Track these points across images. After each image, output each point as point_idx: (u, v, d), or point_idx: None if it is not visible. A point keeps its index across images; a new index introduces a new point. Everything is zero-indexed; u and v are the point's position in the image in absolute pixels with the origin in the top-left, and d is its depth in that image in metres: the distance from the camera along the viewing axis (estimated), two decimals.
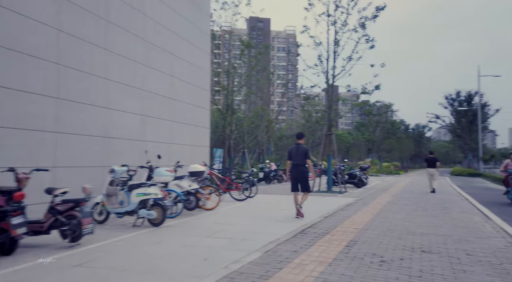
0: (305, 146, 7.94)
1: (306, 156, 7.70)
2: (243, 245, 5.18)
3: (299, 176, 7.74)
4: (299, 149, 7.75)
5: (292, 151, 7.83)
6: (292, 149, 7.87)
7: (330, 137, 14.87)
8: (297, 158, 7.70)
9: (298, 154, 7.69)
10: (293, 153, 7.78)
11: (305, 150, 7.76)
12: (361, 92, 14.29)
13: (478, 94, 39.31)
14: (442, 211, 9.19)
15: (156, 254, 4.71)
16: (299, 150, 7.74)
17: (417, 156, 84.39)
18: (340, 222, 7.25)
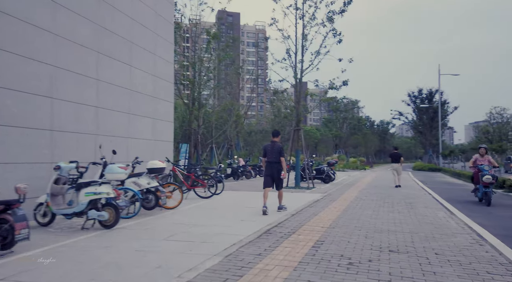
0: (280, 144, 8.04)
1: (280, 153, 7.82)
2: (203, 249, 4.75)
3: (274, 173, 7.86)
4: (274, 147, 7.86)
5: (267, 148, 7.94)
6: (267, 146, 7.97)
7: (298, 133, 14.68)
8: (272, 156, 7.81)
9: (273, 152, 7.81)
10: (268, 150, 7.89)
11: (279, 148, 7.87)
12: (329, 88, 14.19)
13: (438, 92, 40.99)
14: (407, 206, 9.22)
15: (102, 261, 4.17)
16: (274, 148, 7.85)
17: (382, 151, 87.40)
18: (307, 220, 6.98)
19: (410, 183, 18.43)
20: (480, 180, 9.83)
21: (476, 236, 5.73)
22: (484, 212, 8.69)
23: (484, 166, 9.94)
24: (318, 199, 10.59)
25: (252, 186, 15.04)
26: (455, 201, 10.65)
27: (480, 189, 10.05)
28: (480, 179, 9.78)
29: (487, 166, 9.96)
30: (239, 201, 9.98)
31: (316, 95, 14.43)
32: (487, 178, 9.62)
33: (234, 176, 18.90)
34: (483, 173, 9.74)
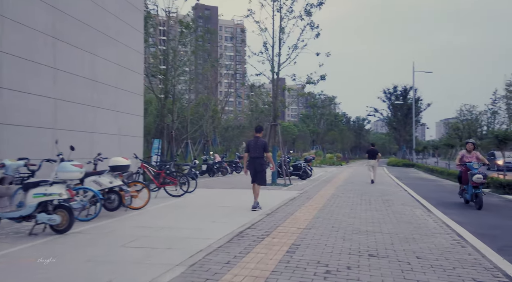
0: (263, 139, 8.10)
1: (264, 149, 7.85)
2: (165, 257, 4.24)
3: (257, 169, 7.85)
4: (258, 142, 7.86)
5: (250, 144, 7.92)
6: (251, 142, 7.96)
7: (275, 128, 14.31)
8: (255, 151, 7.81)
9: (256, 147, 7.82)
10: (251, 145, 7.88)
11: (263, 143, 7.89)
12: (306, 82, 13.87)
13: (413, 89, 41.81)
14: (384, 203, 9.03)
15: (43, 277, 3.59)
16: (258, 143, 7.85)
17: (357, 147, 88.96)
18: (283, 220, 6.60)
19: (386, 179, 18.51)
20: (469, 180, 8.68)
21: (456, 236, 5.52)
22: (472, 215, 8.61)
23: (473, 164, 8.77)
24: (294, 196, 10.26)
25: (228, 183, 14.57)
26: (430, 197, 10.60)
27: (468, 190, 8.92)
28: (470, 179, 8.63)
29: (476, 164, 8.79)
30: (213, 200, 9.48)
31: (293, 89, 14.10)
32: (477, 177, 8.44)
33: (209, 172, 18.35)
34: (472, 172, 8.61)
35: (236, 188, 12.86)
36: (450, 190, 13.39)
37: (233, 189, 12.38)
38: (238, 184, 14.45)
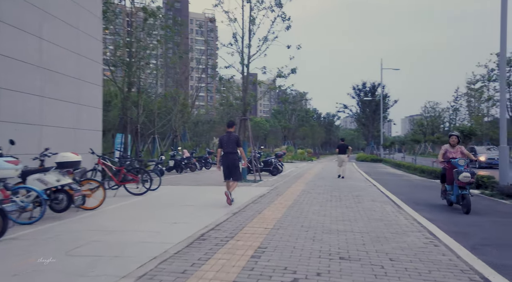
0: (236, 134, 8.06)
1: (237, 143, 7.80)
2: (111, 267, 3.70)
3: (230, 164, 7.79)
4: (230, 137, 7.81)
5: (223, 139, 7.85)
6: (223, 137, 7.89)
7: (245, 123, 13.87)
8: (228, 146, 7.76)
9: (229, 142, 7.77)
10: (224, 141, 7.82)
11: (236, 138, 7.85)
12: (277, 76, 13.51)
13: (381, 86, 42.75)
14: (355, 200, 8.86)
15: None
16: (231, 138, 7.80)
17: (327, 143, 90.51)
18: (250, 220, 6.18)
19: (355, 174, 18.61)
20: (454, 179, 7.51)
21: (427, 234, 5.33)
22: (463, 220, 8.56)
23: (459, 160, 7.62)
24: (264, 193, 9.89)
25: (196, 180, 13.98)
26: (411, 200, 10.54)
27: (454, 191, 7.75)
28: (455, 178, 7.44)
29: (462, 160, 7.62)
30: (177, 198, 8.91)
31: (263, 82, 13.69)
32: (464, 176, 7.26)
33: (177, 168, 17.64)
34: (458, 170, 7.44)
35: (204, 184, 12.33)
36: (418, 185, 13.56)
37: (201, 186, 11.84)
38: (206, 180, 13.91)
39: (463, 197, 7.42)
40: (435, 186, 13.09)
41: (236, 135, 7.93)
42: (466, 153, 8.02)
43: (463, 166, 7.54)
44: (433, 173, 16.10)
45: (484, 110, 45.20)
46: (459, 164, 7.58)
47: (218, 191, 10.44)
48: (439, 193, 10.78)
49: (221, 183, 12.87)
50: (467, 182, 7.31)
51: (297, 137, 60.46)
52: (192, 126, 32.01)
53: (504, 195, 9.28)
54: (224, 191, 7.82)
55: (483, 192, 10.56)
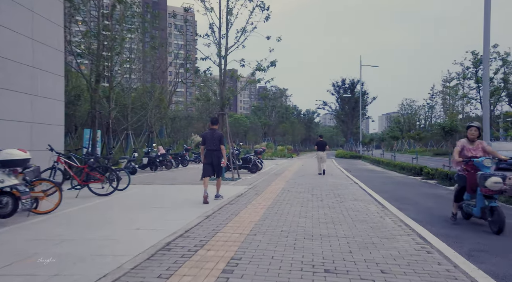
0: (220, 132, 7.97)
1: (220, 141, 7.76)
2: None
3: (214, 161, 7.74)
4: (214, 134, 7.76)
5: (207, 136, 7.81)
6: (207, 134, 7.84)
7: (223, 118, 13.21)
8: (211, 144, 7.72)
9: (213, 139, 7.72)
10: (207, 138, 7.78)
11: (220, 136, 7.80)
12: (256, 69, 12.91)
13: (360, 83, 42.96)
14: (337, 199, 8.41)
15: None
16: (214, 135, 7.75)
17: (307, 139, 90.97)
18: (224, 224, 5.58)
19: (335, 171, 18.33)
20: (479, 186, 5.52)
21: (417, 237, 4.90)
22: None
23: (484, 160, 5.66)
24: (242, 192, 9.31)
25: (171, 178, 13.23)
26: (394, 198, 10.20)
27: (478, 202, 5.68)
28: (481, 184, 5.47)
29: (489, 160, 5.67)
30: (147, 198, 8.19)
31: (242, 76, 13.05)
32: (495, 182, 5.30)
33: (151, 166, 16.78)
34: (484, 173, 5.47)
35: (179, 183, 11.62)
36: (399, 182, 13.33)
37: (175, 185, 11.13)
38: (182, 178, 13.18)
39: (492, 210, 5.43)
40: (416, 183, 12.91)
41: (220, 133, 7.86)
42: (490, 150, 6.02)
43: (490, 167, 5.64)
44: (413, 169, 15.98)
45: (459, 107, 46.31)
46: (485, 165, 5.63)
47: (193, 190, 9.78)
48: (421, 190, 10.50)
49: (198, 181, 12.21)
50: (498, 190, 5.32)
51: (277, 134, 60.21)
52: (170, 122, 30.96)
53: None
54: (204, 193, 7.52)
55: None
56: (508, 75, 33.35)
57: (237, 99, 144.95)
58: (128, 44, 21.54)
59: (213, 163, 7.73)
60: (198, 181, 12.34)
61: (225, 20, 12.58)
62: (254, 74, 13.10)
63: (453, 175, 11.60)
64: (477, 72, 33.00)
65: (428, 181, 13.47)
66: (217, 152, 7.74)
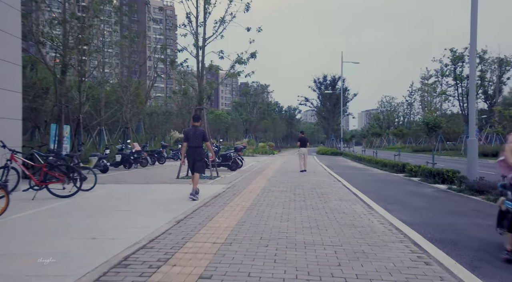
0: (202, 129, 7.90)
1: (204, 138, 7.72)
2: None
3: (196, 158, 7.67)
4: (197, 131, 7.68)
5: (189, 133, 7.67)
6: (189, 131, 7.71)
7: (201, 113, 12.48)
8: (194, 140, 7.61)
9: (195, 136, 7.62)
10: (190, 135, 7.64)
11: (202, 132, 7.73)
12: (235, 61, 12.24)
13: (341, 79, 42.92)
14: (320, 199, 7.91)
15: None
16: (197, 132, 7.66)
17: (289, 136, 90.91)
18: (196, 230, 4.94)
19: (317, 168, 17.93)
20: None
21: (411, 244, 4.41)
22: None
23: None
24: (219, 192, 8.67)
25: (145, 177, 12.42)
26: (379, 197, 9.78)
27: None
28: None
29: None
30: (114, 200, 7.42)
31: (221, 69, 12.34)
32: None
33: (125, 164, 15.84)
34: None
35: (153, 182, 10.85)
36: (383, 180, 13.01)
37: (148, 184, 10.36)
38: (156, 177, 12.40)
39: None
40: (400, 181, 12.62)
41: (203, 130, 7.80)
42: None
43: None
44: (395, 166, 15.76)
45: (437, 104, 47.08)
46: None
47: (167, 190, 9.07)
48: (406, 189, 10.16)
49: (173, 180, 11.47)
50: None
51: (258, 131, 59.66)
52: (147, 118, 29.81)
53: (473, 190, 8.79)
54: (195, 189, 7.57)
55: (450, 187, 10.10)
56: (485, 73, 34.00)
57: (219, 95, 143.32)
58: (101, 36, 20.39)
59: (194, 160, 7.63)
60: (174, 179, 11.61)
61: (202, 8, 11.84)
62: (234, 67, 12.42)
63: (437, 172, 11.37)
64: (456, 69, 33.49)
65: (411, 178, 13.22)
66: (199, 149, 7.66)
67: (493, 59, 35.06)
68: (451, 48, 33.60)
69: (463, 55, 32.94)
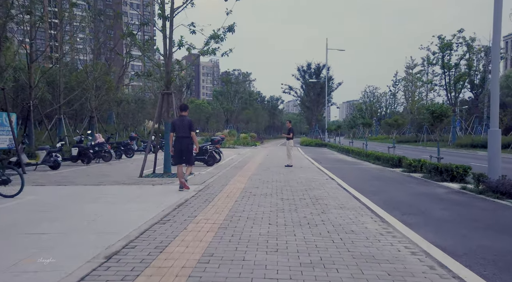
0: (189, 118, 7.75)
1: (190, 128, 7.56)
2: None
3: (183, 149, 7.57)
4: (184, 121, 7.58)
5: (176, 123, 7.61)
6: (176, 121, 7.67)
7: (169, 98, 10.47)
8: (181, 130, 7.52)
9: (182, 126, 7.53)
10: (177, 125, 7.57)
11: (189, 122, 7.62)
12: (210, 37, 10.22)
13: (325, 67, 41.28)
14: (316, 206, 6.16)
15: None
16: (184, 122, 7.56)
17: (271, 127, 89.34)
18: (140, 269, 3.06)
19: (304, 162, 16.25)
20: None
21: None
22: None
23: None
24: (187, 198, 6.80)
25: (101, 175, 10.35)
26: (388, 203, 8.07)
27: None
28: None
29: None
30: (36, 214, 5.41)
31: (193, 47, 10.25)
32: None
33: (83, 158, 13.64)
34: None
35: (109, 183, 8.83)
36: (381, 177, 11.42)
37: (100, 186, 8.36)
38: (116, 175, 10.37)
39: None
40: (401, 178, 11.02)
41: (189, 120, 7.65)
42: None
43: None
44: (391, 160, 14.22)
45: (422, 94, 46.30)
46: None
47: (120, 195, 7.11)
48: (414, 189, 8.55)
49: (135, 179, 9.46)
50: None
51: (240, 121, 57.62)
52: (116, 106, 27.23)
53: (498, 192, 7.22)
54: (180, 180, 7.61)
55: (464, 187, 8.55)
56: (472, 61, 33.07)
57: (200, 84, 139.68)
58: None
59: (182, 150, 7.53)
60: (136, 178, 9.62)
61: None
62: (208, 44, 10.41)
63: (445, 168, 9.82)
64: (443, 57, 32.38)
65: (411, 174, 11.68)
66: (187, 139, 7.54)
67: (480, 48, 34.17)
68: (439, 35, 32.42)
69: (451, 42, 31.83)
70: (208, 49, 10.02)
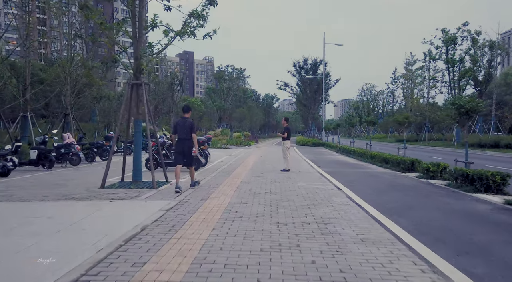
0: (191, 120, 7.63)
1: (192, 130, 7.46)
2: None
3: (185, 150, 7.50)
4: (186, 123, 7.47)
5: (178, 125, 7.53)
6: (179, 122, 7.56)
7: (138, 90, 8.51)
8: (183, 132, 7.42)
9: (184, 128, 7.42)
10: (179, 126, 7.48)
11: (191, 124, 7.54)
12: (189, 14, 8.28)
13: (323, 63, 39.44)
14: (326, 240, 4.29)
15: None
16: (186, 124, 7.45)
17: (266, 125, 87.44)
18: None
19: (302, 165, 14.39)
20: None
21: None
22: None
23: None
24: (150, 222, 4.92)
25: (55, 184, 8.38)
26: (420, 227, 6.17)
27: None
28: None
29: None
30: None
31: (168, 27, 8.41)
32: None
33: (44, 162, 11.64)
34: None
35: (56, 197, 6.86)
36: (397, 185, 9.56)
37: (42, 202, 6.40)
38: (72, 184, 8.39)
39: None
40: (422, 187, 9.13)
41: (191, 122, 7.56)
42: None
43: None
44: (402, 164, 12.39)
45: (424, 90, 44.67)
46: None
47: (56, 218, 5.12)
48: (448, 206, 6.68)
49: (94, 192, 7.30)
50: None
51: (233, 119, 55.58)
52: (95, 103, 25.13)
53: None
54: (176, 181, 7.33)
55: (509, 201, 6.73)
56: (477, 56, 31.42)
57: (194, 82, 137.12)
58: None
59: (184, 152, 7.47)
60: (96, 190, 7.67)
61: None
62: (188, 24, 8.47)
63: (478, 177, 7.99)
64: (448, 52, 30.68)
65: (430, 181, 9.87)
66: (188, 141, 7.45)
67: (484, 42, 32.55)
68: (442, 29, 30.72)
69: (455, 36, 30.15)
70: (185, 30, 8.07)
